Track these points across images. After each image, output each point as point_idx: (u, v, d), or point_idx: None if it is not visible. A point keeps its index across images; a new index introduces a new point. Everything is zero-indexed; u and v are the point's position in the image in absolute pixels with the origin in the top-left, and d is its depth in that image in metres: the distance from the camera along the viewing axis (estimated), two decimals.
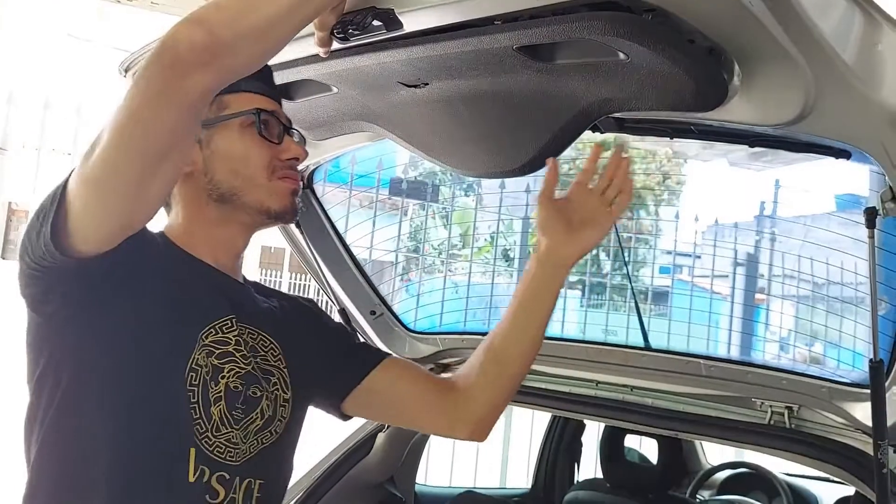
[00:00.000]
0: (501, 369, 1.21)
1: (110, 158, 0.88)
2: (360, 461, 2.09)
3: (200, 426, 0.99)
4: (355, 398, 1.23)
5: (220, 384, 1.01)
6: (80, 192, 0.89)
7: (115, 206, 0.91)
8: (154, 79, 0.85)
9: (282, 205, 1.10)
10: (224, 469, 1.00)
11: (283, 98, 1.36)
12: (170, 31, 0.86)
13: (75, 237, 0.90)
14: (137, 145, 0.87)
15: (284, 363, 1.12)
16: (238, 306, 1.09)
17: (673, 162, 6.14)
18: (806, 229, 3.18)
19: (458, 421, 1.24)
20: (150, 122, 0.87)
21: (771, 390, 1.56)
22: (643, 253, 5.31)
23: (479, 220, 4.67)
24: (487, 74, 1.04)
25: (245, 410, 1.03)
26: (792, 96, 0.87)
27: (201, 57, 0.85)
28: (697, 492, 2.65)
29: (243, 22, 0.87)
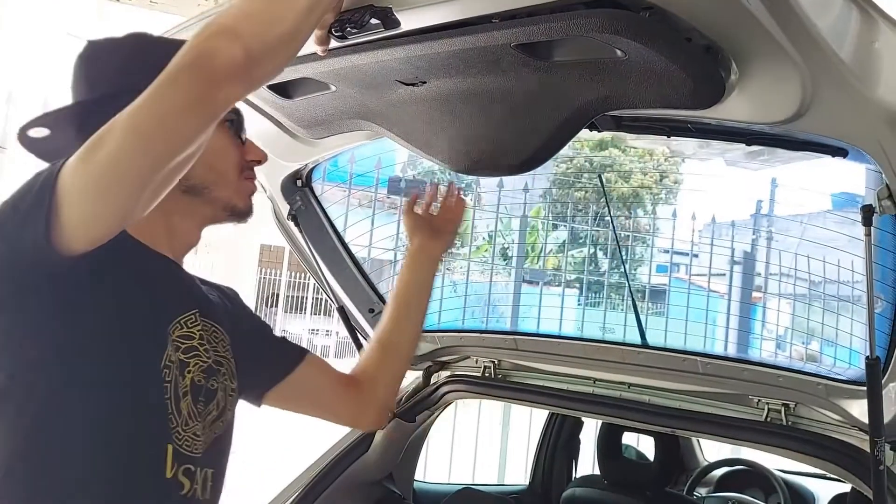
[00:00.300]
0: (395, 357, 1.40)
1: (125, 159, 0.85)
2: (359, 458, 2.09)
3: (173, 421, 1.00)
4: (279, 390, 1.29)
5: (186, 378, 1.03)
6: (82, 190, 0.86)
7: (119, 205, 0.89)
8: (186, 89, 0.85)
9: (246, 204, 1.14)
10: (189, 462, 1.02)
11: (282, 96, 1.37)
12: (203, 40, 0.86)
13: (68, 233, 0.87)
14: (158, 150, 0.86)
15: (231, 355, 1.15)
16: (199, 300, 1.11)
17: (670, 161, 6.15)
18: (802, 227, 3.19)
19: (365, 409, 1.39)
20: (176, 129, 0.86)
21: (768, 387, 1.57)
22: (640, 251, 5.33)
23: (477, 219, 4.68)
24: (485, 72, 1.05)
25: (205, 403, 1.06)
26: (789, 94, 0.87)
27: (238, 71, 0.85)
28: (695, 489, 2.66)
29: (273, 33, 0.88)
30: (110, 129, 0.86)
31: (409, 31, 0.98)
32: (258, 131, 1.62)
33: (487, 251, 5.62)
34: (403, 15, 0.95)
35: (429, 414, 2.19)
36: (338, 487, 2.05)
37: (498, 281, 4.48)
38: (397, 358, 1.41)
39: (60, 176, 0.86)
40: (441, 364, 2.19)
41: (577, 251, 6.89)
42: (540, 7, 0.88)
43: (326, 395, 1.38)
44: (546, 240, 6.52)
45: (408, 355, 1.44)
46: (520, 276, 4.25)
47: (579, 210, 5.77)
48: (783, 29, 0.77)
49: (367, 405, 1.40)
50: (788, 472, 2.77)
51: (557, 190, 6.06)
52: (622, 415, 1.87)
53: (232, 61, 0.84)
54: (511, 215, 4.95)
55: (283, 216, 1.84)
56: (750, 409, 1.62)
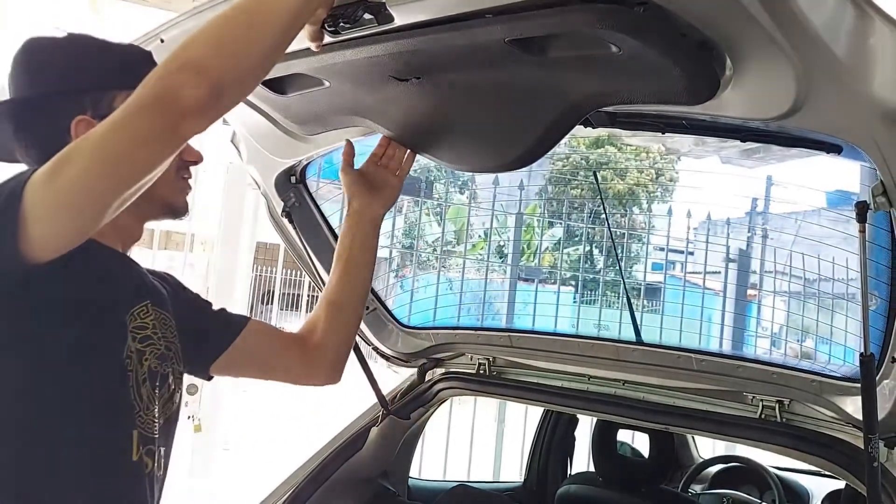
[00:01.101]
0: (343, 316, 1.41)
1: (90, 182, 0.90)
2: (354, 455, 2.09)
3: (136, 406, 1.06)
4: (223, 360, 1.32)
5: (144, 366, 1.08)
6: (48, 207, 0.91)
7: (83, 222, 0.94)
8: (151, 123, 0.89)
9: (181, 202, 1.17)
10: (150, 443, 1.08)
11: (275, 92, 1.36)
12: (166, 73, 0.88)
13: (35, 245, 0.91)
14: (122, 175, 0.91)
15: (178, 339, 1.19)
16: (149, 291, 1.15)
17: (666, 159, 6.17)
18: (797, 225, 3.20)
19: (315, 368, 1.41)
20: (140, 157, 0.91)
21: (762, 384, 1.57)
22: (636, 249, 5.34)
23: (473, 216, 4.67)
24: (479, 68, 1.04)
25: (160, 387, 1.12)
26: (783, 90, 0.87)
27: (202, 107, 0.89)
28: (689, 486, 2.66)
29: (245, 62, 0.92)
30: (77, 151, 0.91)
31: (403, 26, 0.98)
32: (252, 127, 1.62)
33: (483, 249, 5.61)
34: (397, 10, 0.95)
35: (423, 411, 2.18)
36: (332, 484, 2.05)
37: (493, 278, 4.49)
38: (346, 316, 1.42)
39: (26, 191, 0.91)
40: (436, 361, 2.19)
41: (573, 249, 6.90)
42: (534, 2, 0.87)
43: (274, 358, 1.40)
44: (542, 237, 6.53)
45: (357, 314, 1.45)
46: (515, 274, 4.26)
47: (575, 208, 5.78)
48: (778, 25, 0.77)
49: (317, 363, 1.41)
50: (783, 469, 2.78)
51: (553, 187, 6.07)
52: (617, 412, 1.87)
53: (195, 99, 0.88)
54: (507, 212, 4.96)
55: (278, 213, 1.83)
56: (744, 405, 1.62)
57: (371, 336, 2.13)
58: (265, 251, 4.35)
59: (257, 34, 0.92)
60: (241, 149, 1.76)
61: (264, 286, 11.36)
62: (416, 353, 2.17)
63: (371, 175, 1.42)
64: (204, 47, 0.90)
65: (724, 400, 1.66)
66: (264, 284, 10.80)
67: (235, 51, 0.91)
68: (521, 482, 2.70)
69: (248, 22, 0.92)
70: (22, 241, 0.90)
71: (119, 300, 1.08)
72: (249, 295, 5.67)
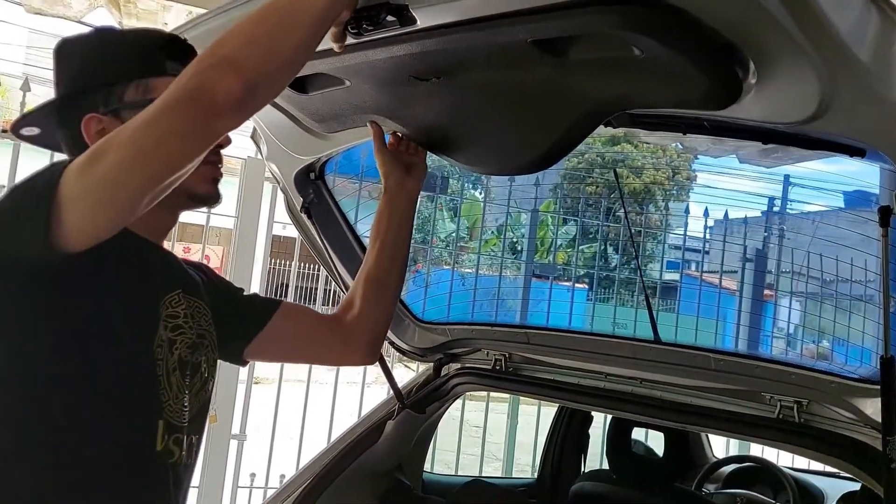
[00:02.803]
0: (382, 292, 1.42)
1: (123, 175, 0.91)
2: (369, 448, 2.10)
3: (164, 395, 1.07)
4: (257, 344, 1.34)
5: (174, 355, 1.09)
6: (82, 198, 0.92)
7: (115, 213, 0.95)
8: (185, 118, 0.90)
9: (206, 190, 1.15)
10: (178, 431, 1.10)
11: (296, 91, 1.37)
12: (202, 69, 0.90)
13: (66, 235, 0.93)
14: (154, 169, 0.92)
15: (213, 327, 1.21)
16: (181, 280, 1.16)
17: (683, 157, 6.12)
18: (817, 226, 3.17)
19: (351, 347, 1.42)
20: (173, 152, 0.92)
21: (780, 385, 1.56)
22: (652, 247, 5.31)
23: (487, 213, 4.67)
24: (500, 69, 1.05)
25: (191, 375, 1.12)
26: (807, 95, 0.87)
27: (236, 104, 0.90)
28: (703, 485, 2.65)
29: (277, 59, 0.93)
30: (111, 144, 0.92)
31: (425, 28, 0.98)
32: (272, 125, 1.63)
33: (497, 245, 5.61)
34: (419, 12, 0.95)
35: (439, 405, 2.20)
36: (348, 477, 2.07)
37: (510, 275, 4.50)
38: (383, 294, 1.42)
39: (61, 182, 0.92)
40: (452, 356, 2.20)
41: (588, 246, 6.87)
42: (558, 4, 0.88)
43: (309, 339, 1.42)
44: (557, 234, 6.51)
45: (394, 292, 1.45)
46: (530, 270, 4.26)
47: (590, 205, 5.76)
48: (802, 30, 0.77)
49: (354, 342, 1.42)
50: (798, 470, 2.77)
51: (569, 185, 6.05)
52: (633, 410, 1.87)
53: (231, 95, 0.89)
54: (521, 209, 4.95)
55: (297, 208, 1.85)
56: (762, 405, 1.61)
57: (388, 331, 2.14)
58: (280, 244, 4.38)
59: (289, 33, 0.93)
60: (262, 145, 1.78)
61: (279, 279, 11.44)
62: (432, 348, 2.18)
63: (402, 154, 1.44)
64: (238, 45, 0.92)
65: (742, 399, 1.66)
66: (279, 277, 10.87)
67: (268, 48, 0.92)
68: (533, 479, 2.71)
69: (280, 21, 0.93)
70: (55, 230, 0.92)
71: (151, 290, 1.10)
72: (265, 287, 5.71)
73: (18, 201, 0.96)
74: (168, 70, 1.08)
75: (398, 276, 1.44)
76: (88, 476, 1.01)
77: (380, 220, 1.44)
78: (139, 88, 1.08)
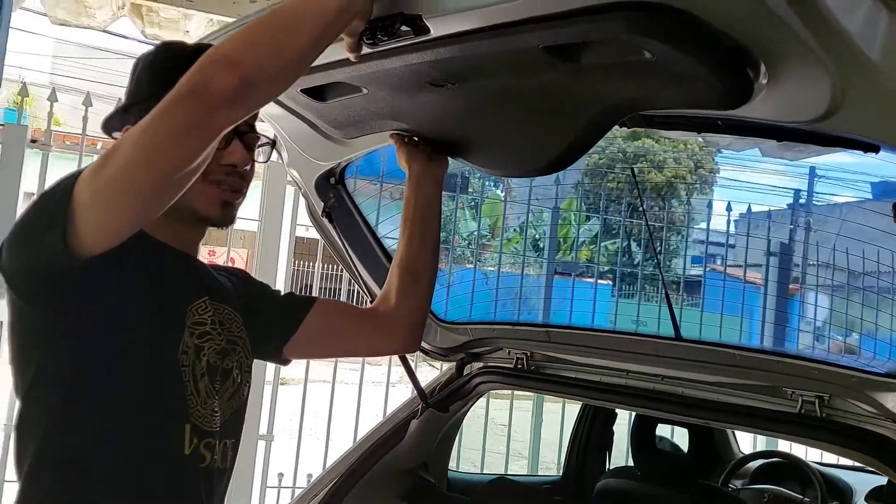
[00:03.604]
0: (417, 278, 1.43)
1: (130, 175, 0.93)
2: (394, 447, 2.13)
3: (192, 401, 1.08)
4: (296, 342, 1.35)
5: (202, 361, 1.11)
6: (93, 201, 0.94)
7: (126, 214, 0.97)
8: (184, 114, 0.91)
9: (209, 211, 1.14)
10: (209, 436, 1.11)
11: (315, 99, 1.40)
12: (201, 67, 0.91)
13: (84, 239, 0.95)
14: (160, 167, 0.94)
15: (245, 332, 1.22)
16: (208, 287, 1.18)
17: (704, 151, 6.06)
18: (841, 219, 3.14)
19: (391, 335, 1.44)
20: (176, 150, 0.93)
21: (801, 380, 1.56)
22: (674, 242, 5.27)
23: (508, 211, 4.67)
24: (514, 74, 1.06)
25: (222, 381, 1.14)
26: (819, 94, 0.87)
27: (233, 99, 0.91)
28: (730, 481, 2.64)
29: (276, 61, 0.94)
30: (118, 147, 0.95)
31: (439, 37, 1.00)
32: (293, 132, 1.66)
33: (518, 243, 5.60)
34: (432, 21, 0.97)
35: (462, 404, 2.22)
36: (373, 476, 2.10)
37: (530, 273, 4.50)
38: (419, 278, 1.43)
39: (76, 188, 0.95)
40: (474, 355, 2.22)
41: (610, 242, 6.85)
42: (568, 10, 0.89)
43: (348, 331, 1.42)
44: (578, 231, 6.50)
45: (430, 276, 1.45)
46: (552, 269, 4.25)
47: (612, 201, 5.74)
48: (811, 31, 0.78)
49: (393, 330, 1.43)
50: (826, 465, 2.74)
51: (590, 181, 6.04)
52: (656, 407, 1.88)
53: (226, 89, 0.90)
54: (543, 207, 4.95)
55: (318, 213, 1.88)
56: (784, 401, 1.61)
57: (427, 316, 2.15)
58: (303, 246, 4.43)
59: (290, 37, 0.95)
60: (283, 152, 1.81)
61: (303, 280, 11.55)
62: (454, 348, 2.20)
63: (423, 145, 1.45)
64: (237, 44, 0.94)
65: (764, 395, 1.65)
66: (303, 278, 10.97)
67: (267, 50, 0.94)
68: (559, 476, 2.72)
69: (282, 25, 0.96)
70: (73, 235, 0.94)
71: (175, 297, 1.11)
72: (289, 289, 5.78)
73: (39, 210, 0.99)
74: None
75: (431, 261, 1.45)
76: (116, 481, 1.03)
77: (407, 207, 1.45)
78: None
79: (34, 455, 1.03)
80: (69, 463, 1.03)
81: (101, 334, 1.03)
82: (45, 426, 1.03)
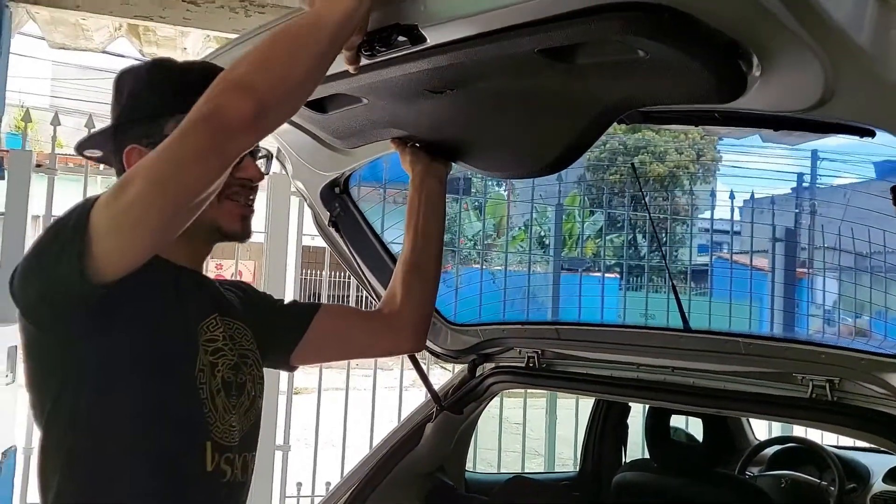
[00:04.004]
0: (421, 275, 1.44)
1: (146, 201, 0.94)
2: (411, 451, 2.14)
3: (211, 418, 1.10)
4: (302, 349, 1.36)
5: (217, 378, 1.12)
6: (111, 228, 0.95)
7: (143, 240, 0.98)
8: (200, 140, 0.93)
9: (231, 227, 1.17)
10: (229, 451, 1.12)
11: (317, 111, 1.42)
12: (216, 93, 0.93)
13: (101, 265, 0.95)
14: (175, 193, 0.95)
15: (255, 345, 1.24)
16: (217, 303, 1.19)
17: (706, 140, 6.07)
18: (846, 200, 3.13)
19: (397, 335, 1.45)
20: (193, 176, 0.95)
21: (811, 365, 1.57)
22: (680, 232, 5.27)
23: (512, 210, 4.68)
24: (511, 78, 1.08)
25: (237, 395, 1.15)
26: (812, 83, 0.88)
27: (248, 124, 0.93)
28: (746, 468, 2.64)
29: (288, 82, 0.96)
30: (135, 173, 0.96)
31: (435, 45, 1.02)
32: (296, 145, 1.68)
33: (524, 241, 5.61)
34: (428, 31, 0.99)
35: (476, 405, 2.23)
36: (391, 481, 2.12)
37: (537, 271, 4.51)
38: (423, 277, 1.45)
39: (91, 214, 0.95)
40: (485, 356, 2.23)
41: (616, 236, 6.85)
42: (561, 14, 0.91)
43: (354, 335, 1.44)
44: (583, 226, 6.50)
45: (433, 274, 1.47)
46: (558, 266, 4.26)
47: (615, 193, 5.75)
48: (801, 23, 0.79)
49: (399, 330, 1.45)
50: (842, 448, 2.74)
51: (592, 175, 6.05)
52: (667, 398, 1.89)
53: (242, 116, 0.92)
54: (546, 204, 4.97)
55: (325, 223, 1.90)
56: (794, 386, 1.62)
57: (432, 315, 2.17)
58: (310, 254, 4.45)
59: (300, 56, 0.96)
60: (287, 164, 1.83)
61: (311, 288, 11.59)
62: (465, 350, 2.21)
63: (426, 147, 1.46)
64: (250, 68, 0.95)
65: (774, 381, 1.66)
66: (311, 287, 11.01)
67: (279, 72, 0.95)
68: (576, 472, 2.73)
69: (290, 45, 0.97)
70: (89, 262, 0.94)
71: (187, 316, 1.12)
72: (298, 298, 5.80)
73: (54, 237, 0.99)
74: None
75: (435, 258, 1.46)
76: (142, 502, 1.04)
77: (411, 205, 1.47)
78: (178, 123, 1.10)
79: (58, 482, 1.04)
80: (94, 489, 1.03)
81: (120, 360, 1.04)
82: (67, 453, 1.04)
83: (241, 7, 3.46)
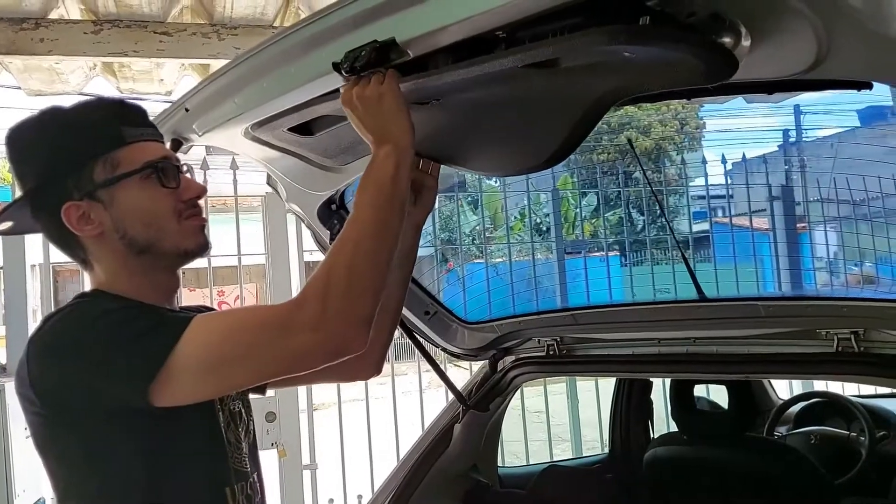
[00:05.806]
0: (384, 318, 1.40)
1: (238, 366, 1.01)
2: (443, 454, 2.15)
3: (228, 451, 1.14)
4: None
5: (224, 412, 1.15)
6: (194, 372, 0.99)
7: (221, 390, 1.09)
8: (314, 359, 1.03)
9: (196, 243, 1.16)
10: (244, 478, 1.16)
11: (304, 135, 1.41)
12: (340, 326, 1.00)
13: (166, 396, 0.98)
14: (268, 374, 1.08)
15: None
16: None
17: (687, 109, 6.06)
18: (835, 151, 3.14)
19: (360, 367, 1.45)
20: (287, 369, 1.05)
21: (834, 319, 1.56)
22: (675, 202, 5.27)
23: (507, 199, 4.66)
24: (496, 86, 1.07)
25: (238, 424, 1.19)
26: (803, 46, 0.88)
27: (366, 344, 1.03)
28: (774, 429, 2.65)
29: (378, 291, 1.04)
30: (238, 334, 1.02)
31: (417, 58, 1.01)
32: (286, 169, 1.67)
33: (522, 231, 5.60)
34: (409, 45, 0.98)
35: (501, 400, 2.23)
36: (426, 486, 2.12)
37: (541, 258, 4.51)
38: (387, 317, 1.43)
39: (178, 349, 0.98)
40: (505, 350, 2.23)
41: (613, 213, 6.84)
42: (542, 30, 0.90)
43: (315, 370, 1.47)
44: (580, 206, 6.49)
45: (396, 313, 1.48)
46: (561, 250, 4.26)
47: (605, 172, 5.73)
48: None
49: (362, 363, 1.44)
50: (865, 397, 2.75)
51: (580, 156, 6.04)
52: (692, 370, 1.89)
53: (363, 344, 1.02)
54: (540, 190, 4.96)
55: (325, 242, 1.89)
56: (820, 342, 1.61)
57: (438, 339, 2.18)
58: (313, 270, 4.46)
59: (382, 263, 1.05)
60: (279, 189, 1.82)
61: None
62: (483, 347, 2.21)
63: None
64: (353, 296, 1.00)
65: (798, 339, 1.65)
66: None
67: (371, 286, 1.02)
68: (605, 454, 2.73)
69: (375, 246, 1.04)
70: (155, 387, 0.97)
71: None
72: None
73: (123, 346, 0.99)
74: (126, 138, 1.09)
75: (398, 302, 1.45)
76: None
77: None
78: (106, 165, 1.08)
79: None
80: None
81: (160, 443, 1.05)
82: None
83: (214, 31, 3.43)
